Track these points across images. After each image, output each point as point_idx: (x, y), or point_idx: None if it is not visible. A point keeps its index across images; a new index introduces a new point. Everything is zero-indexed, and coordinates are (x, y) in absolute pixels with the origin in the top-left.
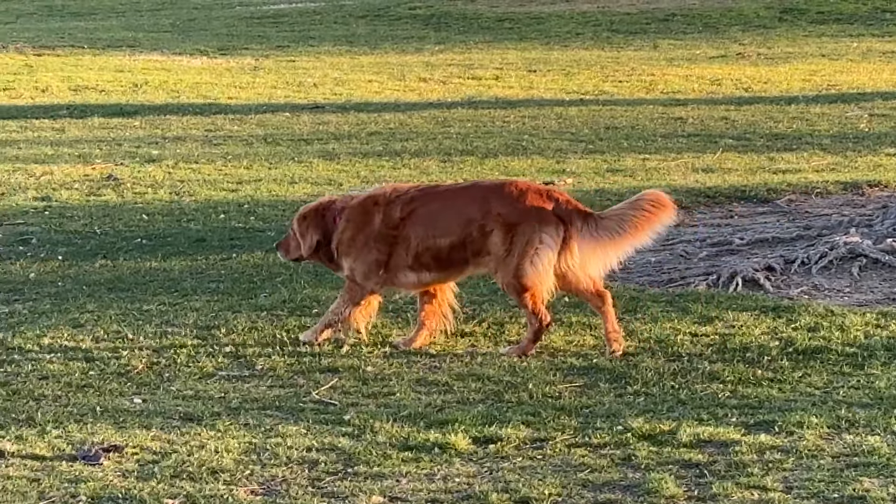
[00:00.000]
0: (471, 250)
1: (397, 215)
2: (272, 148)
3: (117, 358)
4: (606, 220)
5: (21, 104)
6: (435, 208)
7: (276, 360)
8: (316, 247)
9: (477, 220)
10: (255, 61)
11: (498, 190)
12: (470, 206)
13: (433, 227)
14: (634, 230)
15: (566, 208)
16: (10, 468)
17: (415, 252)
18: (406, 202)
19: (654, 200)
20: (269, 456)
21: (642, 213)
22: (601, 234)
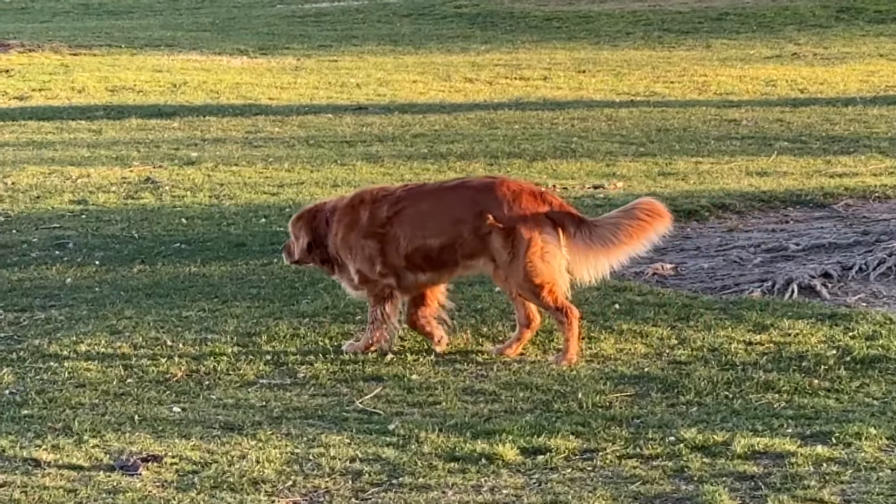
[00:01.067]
0: (461, 252)
1: (384, 214)
2: (314, 150)
3: (156, 365)
4: (600, 227)
5: (57, 105)
6: (423, 208)
7: (318, 368)
8: (308, 249)
9: (468, 222)
10: (297, 61)
11: (489, 190)
12: (459, 206)
13: (422, 227)
14: (629, 239)
15: (560, 213)
16: (46, 478)
17: (405, 252)
18: (393, 202)
19: (650, 209)
20: (311, 466)
21: (637, 222)
22: (594, 241)
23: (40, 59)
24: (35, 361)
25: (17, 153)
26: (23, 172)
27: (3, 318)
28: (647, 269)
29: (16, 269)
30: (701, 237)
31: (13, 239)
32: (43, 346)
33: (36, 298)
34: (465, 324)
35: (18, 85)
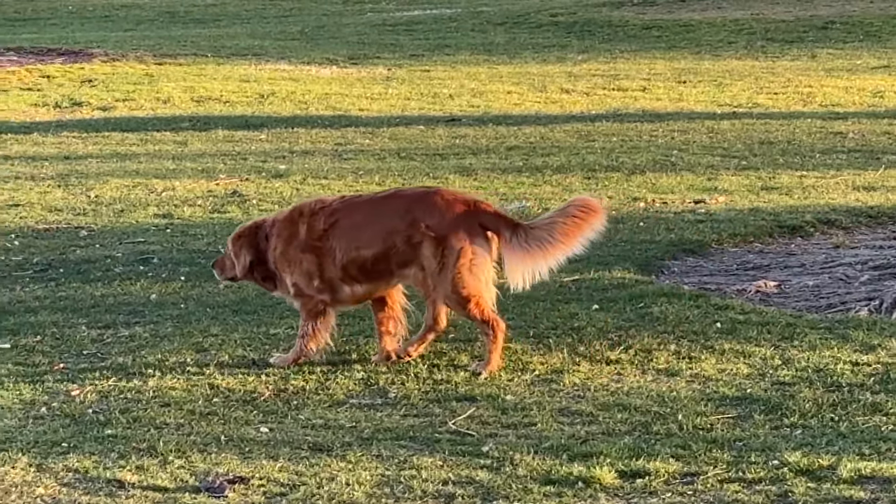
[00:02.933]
0: (395, 261)
1: (321, 227)
2: (405, 163)
3: (243, 384)
4: (536, 229)
5: (141, 116)
6: (358, 220)
7: (410, 388)
8: (250, 267)
9: (401, 231)
10: (388, 71)
11: (422, 200)
12: (392, 216)
13: (356, 238)
14: (565, 238)
15: (494, 219)
16: (130, 500)
17: (341, 264)
18: (328, 214)
19: (584, 206)
20: (402, 489)
21: (572, 220)
22: (531, 244)
23: (124, 69)
24: (119, 380)
25: (100, 165)
26: (106, 185)
27: (87, 335)
28: (749, 286)
29: (99, 285)
30: (805, 254)
31: (96, 254)
32: (127, 364)
33: (120, 315)
34: (560, 342)
35: (102, 95)
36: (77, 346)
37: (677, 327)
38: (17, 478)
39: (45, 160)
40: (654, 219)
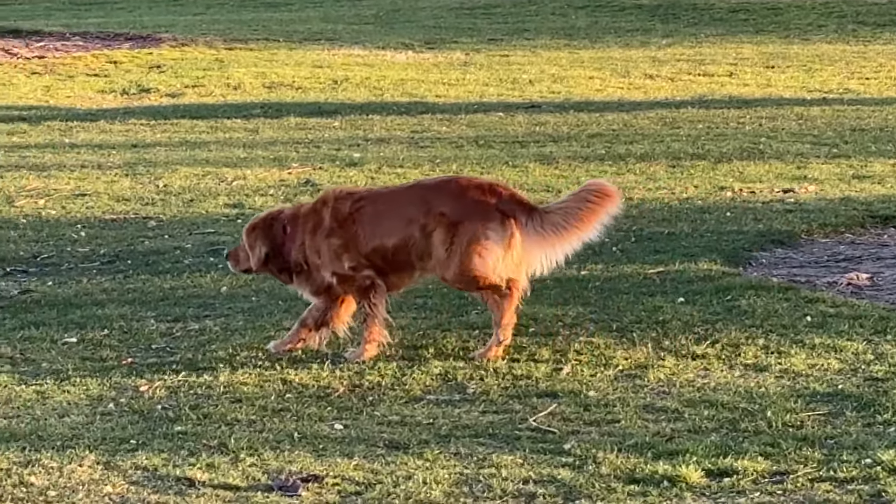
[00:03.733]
0: (415, 253)
1: (346, 210)
2: (484, 150)
3: (316, 380)
4: (551, 214)
5: (211, 102)
6: (381, 209)
7: (489, 384)
8: (265, 258)
9: (419, 221)
10: (466, 56)
11: (438, 188)
12: (411, 205)
13: (378, 227)
14: (580, 223)
15: (510, 203)
16: (201, 498)
17: (364, 252)
18: (355, 200)
19: (599, 191)
20: (482, 488)
21: (587, 206)
22: (546, 229)
23: (193, 54)
24: (189, 375)
25: (169, 154)
26: (175, 174)
27: (155, 329)
28: (841, 279)
29: (168, 277)
30: None
31: (165, 245)
32: (197, 359)
33: (189, 308)
34: (645, 337)
35: (171, 81)
36: (145, 341)
37: (766, 321)
38: (85, 476)
39: (112, 148)
40: (742, 209)
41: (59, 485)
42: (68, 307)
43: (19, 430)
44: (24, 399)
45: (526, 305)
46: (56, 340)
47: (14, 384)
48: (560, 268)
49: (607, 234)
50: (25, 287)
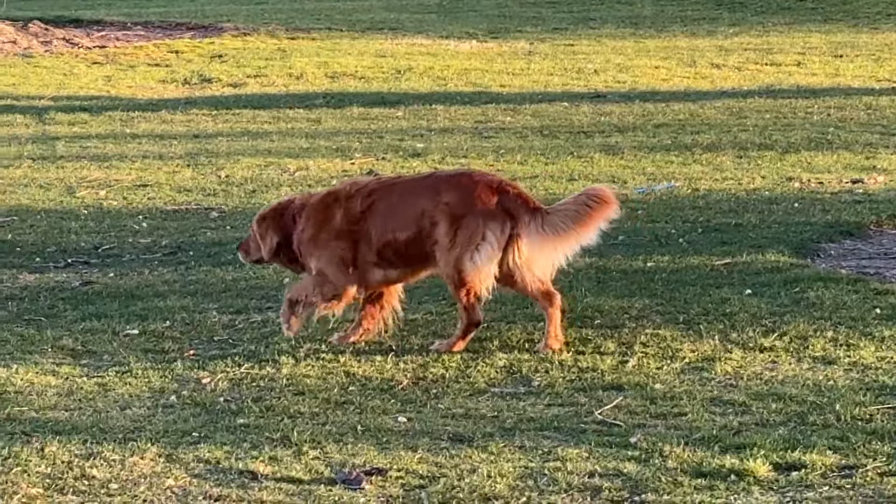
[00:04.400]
0: (429, 244)
1: (357, 209)
2: (549, 141)
3: (380, 372)
4: (553, 215)
5: (273, 92)
6: (393, 201)
7: (554, 376)
8: (276, 249)
9: (429, 212)
10: (530, 45)
11: (449, 180)
12: (423, 197)
13: (391, 220)
14: (580, 226)
15: (515, 202)
16: (263, 492)
17: (376, 248)
18: (365, 195)
19: (598, 196)
20: (546, 482)
21: (586, 210)
22: (547, 230)
23: (255, 44)
24: (251, 367)
25: (231, 144)
26: (237, 165)
27: (217, 321)
28: None
29: (230, 269)
30: None
31: (227, 236)
32: (259, 351)
33: (252, 299)
34: (712, 329)
35: (233, 71)
36: (208, 332)
37: (834, 313)
38: (146, 468)
39: (174, 139)
40: (810, 199)
41: (120, 478)
42: (130, 299)
43: (81, 422)
44: (86, 391)
45: (591, 297)
46: (118, 332)
47: (76, 376)
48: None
49: (673, 225)
50: (87, 278)
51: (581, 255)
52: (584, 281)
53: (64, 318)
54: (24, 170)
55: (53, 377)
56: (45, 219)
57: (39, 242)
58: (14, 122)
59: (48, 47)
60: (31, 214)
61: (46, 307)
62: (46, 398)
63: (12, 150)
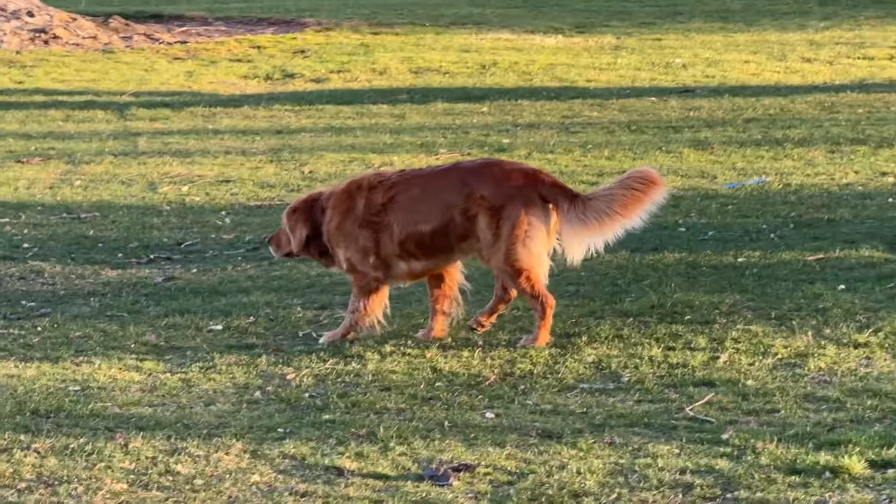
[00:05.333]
0: (454, 235)
1: (379, 201)
2: (636, 136)
3: (467, 368)
4: (594, 200)
5: (357, 88)
6: (415, 193)
7: (644, 372)
8: (306, 241)
9: (458, 205)
10: (617, 40)
11: (479, 171)
12: (450, 189)
13: (414, 212)
14: (624, 210)
15: (552, 190)
16: (349, 488)
17: (399, 240)
18: (388, 187)
19: (644, 178)
20: (637, 478)
21: (632, 193)
22: (588, 216)
23: (338, 39)
24: (336, 363)
25: (314, 140)
26: (321, 160)
27: (302, 316)
28: None
29: (314, 264)
30: None
31: None
32: (344, 347)
33: (336, 295)
34: (805, 324)
35: (315, 66)
36: (292, 328)
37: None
38: (231, 464)
39: (257, 134)
40: None
41: (205, 473)
42: (213, 294)
43: (165, 418)
44: (170, 387)
45: (681, 293)
46: (201, 328)
47: (159, 372)
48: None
49: (764, 220)
50: (170, 274)
51: (671, 249)
52: (673, 276)
53: (147, 314)
54: (105, 165)
55: (137, 373)
56: (127, 214)
57: (122, 238)
58: (95, 117)
59: (129, 43)
60: (114, 210)
61: (129, 303)
62: (130, 394)
63: (94, 146)
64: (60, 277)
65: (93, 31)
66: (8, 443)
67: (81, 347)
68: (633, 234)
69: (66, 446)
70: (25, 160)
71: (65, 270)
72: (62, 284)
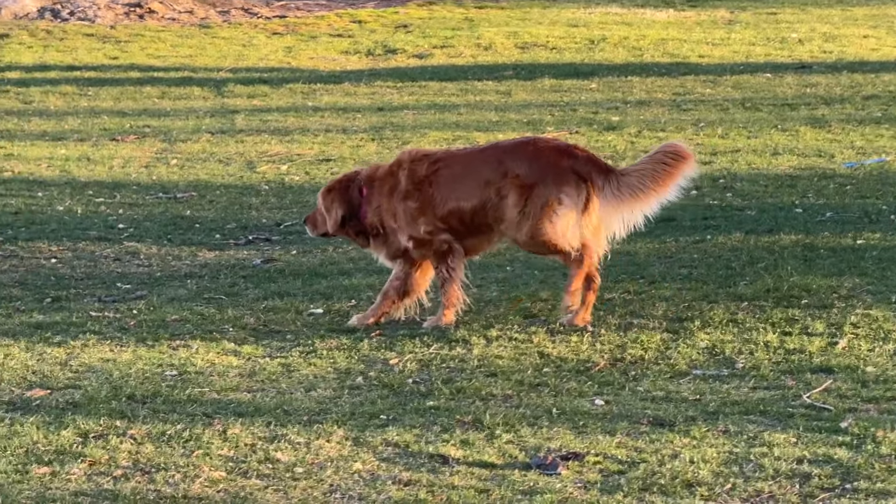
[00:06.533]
0: (492, 216)
1: (422, 173)
2: (751, 114)
3: (575, 353)
4: (628, 176)
5: (461, 64)
6: (457, 171)
7: (759, 358)
8: (342, 221)
9: (495, 183)
10: (730, 14)
11: (514, 150)
12: (487, 167)
13: (455, 189)
14: (657, 185)
15: (586, 165)
16: (454, 477)
17: (441, 214)
18: (431, 162)
19: (674, 152)
20: (752, 468)
21: (663, 168)
22: (623, 191)
23: (442, 13)
24: (440, 347)
25: (417, 117)
26: (424, 138)
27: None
28: None
29: None
30: None
31: None
32: (449, 331)
33: None
34: None
35: (418, 42)
36: None
37: None
38: (333, 452)
39: (357, 112)
40: None
41: (306, 461)
42: (313, 277)
43: (264, 404)
44: (269, 372)
45: (798, 276)
46: (301, 311)
47: (258, 356)
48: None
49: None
50: (269, 256)
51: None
52: (790, 259)
53: (245, 297)
54: (202, 144)
55: (235, 357)
56: (224, 194)
57: (219, 219)
58: (192, 94)
59: (226, 17)
60: (211, 190)
61: (227, 285)
62: (228, 379)
63: (190, 124)
64: (156, 259)
65: (189, 6)
66: (103, 429)
67: (178, 331)
68: (748, 216)
69: (163, 433)
70: (120, 138)
71: (161, 252)
72: (158, 266)
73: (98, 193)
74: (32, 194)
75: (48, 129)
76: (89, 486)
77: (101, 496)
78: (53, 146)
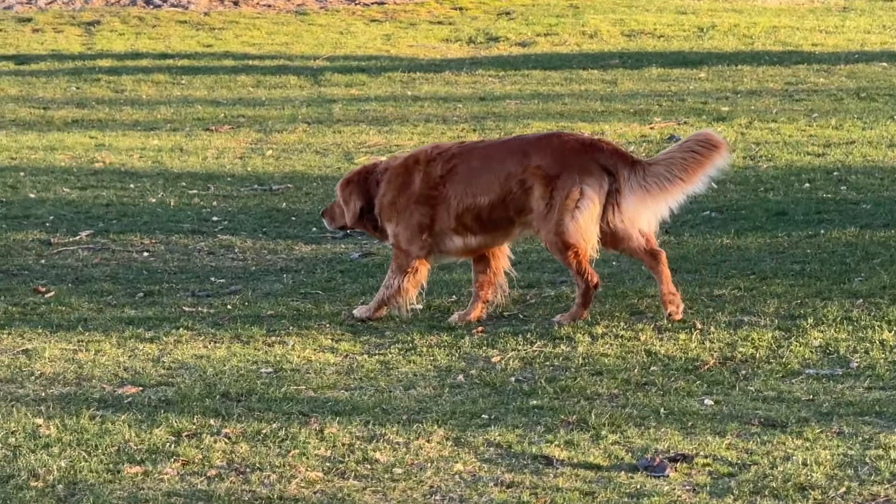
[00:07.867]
0: (513, 208)
1: (437, 173)
2: (866, 104)
3: (684, 352)
4: (655, 166)
5: (565, 52)
6: (475, 165)
7: (874, 357)
8: (360, 214)
9: (517, 176)
10: (845, 1)
11: (538, 142)
12: (509, 160)
13: (473, 184)
14: (686, 175)
15: (611, 158)
16: (559, 478)
17: (456, 213)
18: (447, 160)
19: (705, 141)
20: (868, 471)
21: (693, 156)
22: (650, 182)
23: (546, 0)
24: (544, 345)
25: (520, 107)
26: (527, 129)
27: (507, 296)
28: None
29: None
30: None
31: None
32: (552, 328)
33: (544, 273)
34: None
35: (521, 29)
36: (496, 308)
37: None
38: (433, 452)
39: (458, 101)
40: None
41: (405, 461)
42: None
43: (362, 402)
44: (368, 370)
45: None
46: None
47: (356, 353)
48: None
49: None
50: (366, 250)
51: None
52: None
53: (343, 292)
54: (298, 134)
55: (332, 354)
56: (321, 186)
57: (316, 211)
58: (288, 83)
59: (323, 4)
60: (307, 181)
61: (324, 280)
62: (325, 377)
63: (286, 113)
64: (251, 252)
65: None
66: (197, 427)
67: (273, 327)
68: (863, 209)
69: (258, 431)
70: (214, 128)
71: (256, 245)
72: (253, 260)
73: (191, 185)
74: (124, 186)
75: (140, 119)
76: (182, 486)
77: (194, 497)
78: (146, 136)
